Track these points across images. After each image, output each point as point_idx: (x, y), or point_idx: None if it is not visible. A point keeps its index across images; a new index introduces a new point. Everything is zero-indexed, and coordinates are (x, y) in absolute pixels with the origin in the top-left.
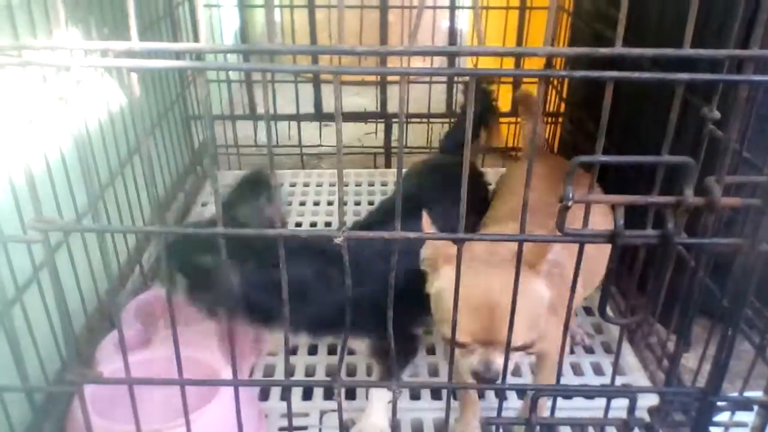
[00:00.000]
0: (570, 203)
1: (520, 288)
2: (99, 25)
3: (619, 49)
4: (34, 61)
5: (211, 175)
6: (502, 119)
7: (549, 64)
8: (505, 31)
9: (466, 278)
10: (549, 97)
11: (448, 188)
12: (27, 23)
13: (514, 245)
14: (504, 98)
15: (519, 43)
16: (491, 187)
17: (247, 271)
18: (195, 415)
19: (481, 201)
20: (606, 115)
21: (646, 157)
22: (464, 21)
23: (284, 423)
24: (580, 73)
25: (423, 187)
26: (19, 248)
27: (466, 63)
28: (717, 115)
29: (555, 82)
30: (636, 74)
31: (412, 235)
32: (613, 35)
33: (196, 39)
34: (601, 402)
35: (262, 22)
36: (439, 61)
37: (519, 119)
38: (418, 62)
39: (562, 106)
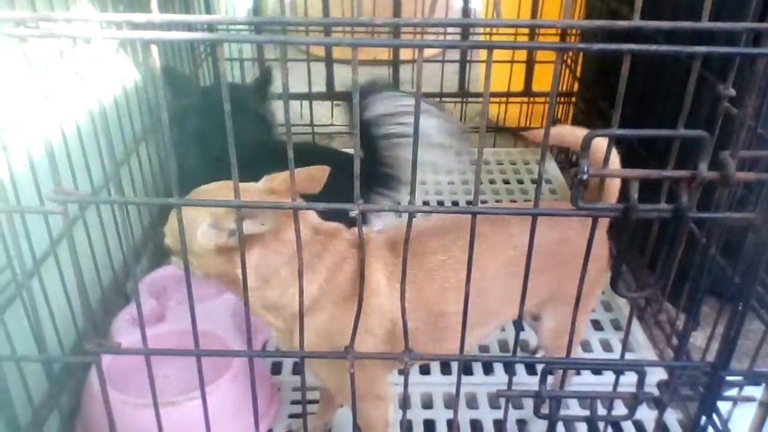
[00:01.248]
0: (585, 176)
1: None
2: (115, 2)
3: (636, 22)
4: (55, 32)
5: (230, 149)
6: (513, 99)
7: (564, 40)
8: (519, 7)
9: None
10: (563, 76)
11: None
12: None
13: None
14: (517, 78)
15: (533, 18)
16: None
17: None
18: (209, 388)
19: None
20: (623, 87)
21: (661, 130)
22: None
23: (297, 396)
24: (597, 46)
25: None
26: (36, 222)
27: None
28: (732, 92)
29: (569, 61)
30: (654, 47)
31: (426, 209)
32: (629, 12)
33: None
34: (609, 379)
35: (274, 0)
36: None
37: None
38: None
39: (576, 85)
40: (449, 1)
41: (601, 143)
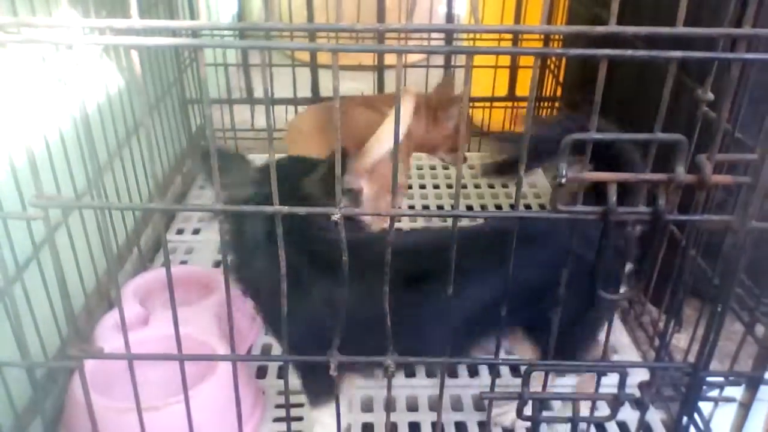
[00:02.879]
0: (563, 180)
1: None
2: (97, 8)
3: (613, 27)
4: (36, 38)
5: (211, 154)
6: (497, 104)
7: (546, 45)
8: (502, 13)
9: None
10: (546, 81)
11: None
12: (26, 2)
13: None
14: (501, 83)
15: (517, 24)
16: None
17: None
18: (193, 392)
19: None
20: (600, 93)
21: (638, 134)
22: (462, 5)
23: (281, 400)
24: (575, 51)
25: None
26: (19, 227)
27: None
28: (710, 96)
29: (552, 65)
30: (630, 52)
31: (408, 213)
32: (609, 17)
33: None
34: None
35: (259, 6)
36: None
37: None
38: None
39: (559, 89)
40: (433, 7)
41: None
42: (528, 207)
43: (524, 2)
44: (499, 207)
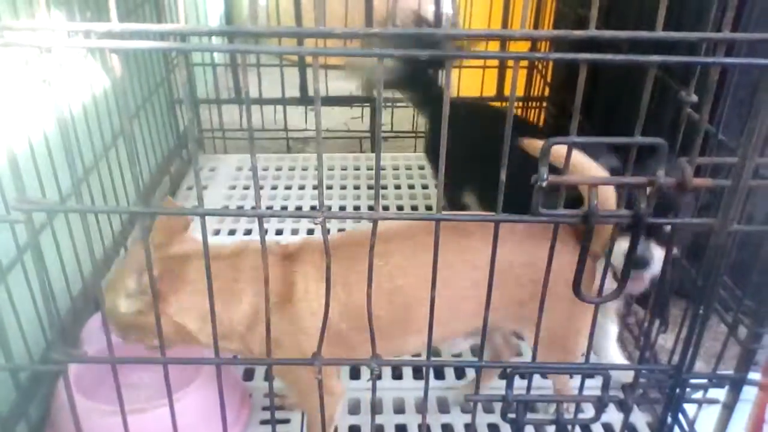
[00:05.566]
0: (544, 183)
1: None
2: (82, 9)
3: (592, 31)
4: (15, 41)
5: (193, 157)
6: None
7: (533, 46)
8: (490, 14)
9: None
10: (533, 82)
11: None
12: (8, 5)
13: None
14: (489, 83)
15: (504, 27)
16: None
17: None
18: (179, 395)
19: None
20: (580, 96)
21: (618, 138)
22: (449, 6)
23: (268, 402)
24: (554, 56)
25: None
26: (2, 229)
27: None
28: (694, 98)
29: (540, 66)
30: (609, 56)
31: (390, 215)
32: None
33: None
34: (577, 382)
35: (247, 6)
36: None
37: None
38: None
39: (547, 90)
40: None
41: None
42: None
43: (511, 3)
44: None
